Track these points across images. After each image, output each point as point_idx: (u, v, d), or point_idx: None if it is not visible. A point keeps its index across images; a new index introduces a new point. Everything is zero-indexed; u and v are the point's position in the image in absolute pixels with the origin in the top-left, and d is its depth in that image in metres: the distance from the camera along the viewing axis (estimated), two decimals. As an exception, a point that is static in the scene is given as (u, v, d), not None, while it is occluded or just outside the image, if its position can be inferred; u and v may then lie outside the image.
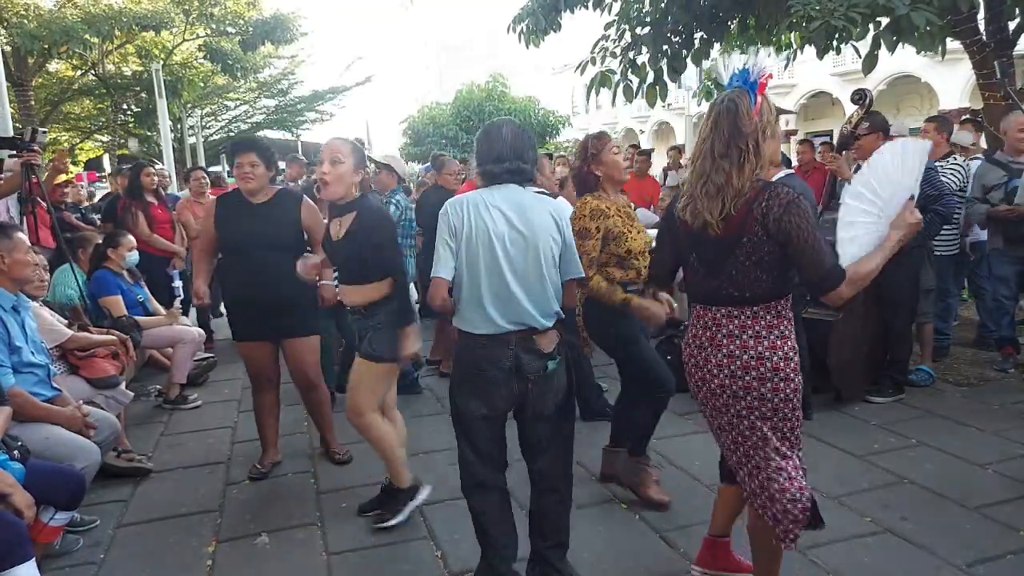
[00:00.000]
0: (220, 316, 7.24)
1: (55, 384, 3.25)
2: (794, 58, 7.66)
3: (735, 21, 6.99)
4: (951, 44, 6.03)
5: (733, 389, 2.14)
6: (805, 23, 5.10)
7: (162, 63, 15.34)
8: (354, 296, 3.09)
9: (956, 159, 5.23)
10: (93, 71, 16.86)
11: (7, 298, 3.08)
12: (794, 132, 13.35)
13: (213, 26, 16.87)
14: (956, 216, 4.92)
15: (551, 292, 2.42)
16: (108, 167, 18.46)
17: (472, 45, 42.79)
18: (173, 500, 3.59)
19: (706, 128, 2.13)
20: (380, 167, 5.29)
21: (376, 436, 3.12)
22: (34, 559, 2.34)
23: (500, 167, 2.41)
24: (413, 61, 53.00)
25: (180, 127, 19.06)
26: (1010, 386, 4.63)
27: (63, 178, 6.76)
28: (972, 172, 5.04)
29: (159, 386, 5.27)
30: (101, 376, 3.79)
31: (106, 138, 19.96)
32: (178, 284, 6.23)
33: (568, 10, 7.21)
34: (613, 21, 7.31)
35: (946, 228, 4.74)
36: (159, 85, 13.58)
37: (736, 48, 7.31)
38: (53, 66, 16.76)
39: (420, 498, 3.23)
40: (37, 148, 4.78)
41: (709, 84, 8.87)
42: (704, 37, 7.00)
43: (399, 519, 3.15)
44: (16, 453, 2.60)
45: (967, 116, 6.93)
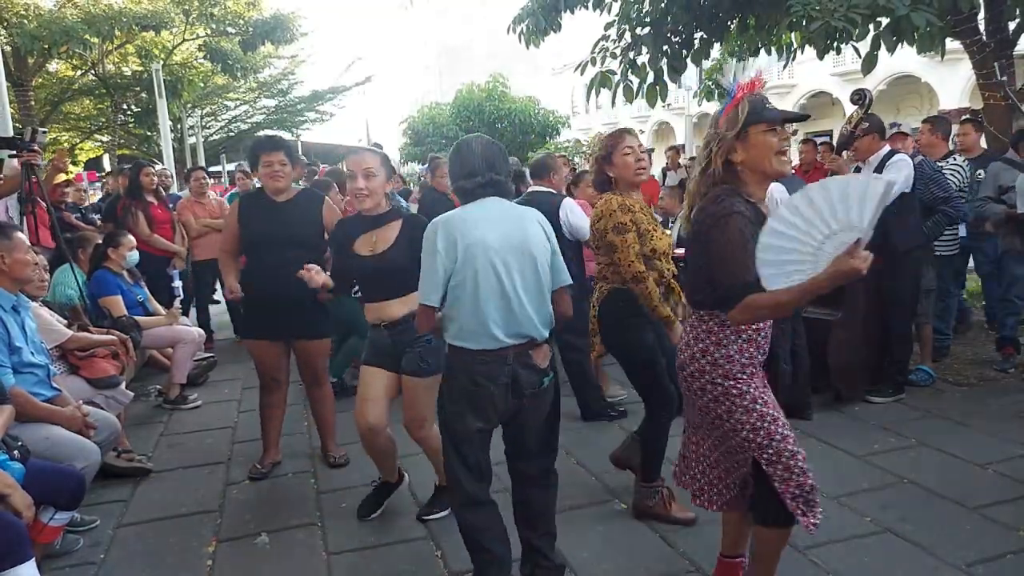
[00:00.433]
0: (218, 303, 7.25)
1: (55, 384, 3.25)
2: (794, 58, 7.66)
3: (735, 21, 6.99)
4: (951, 44, 6.03)
5: (693, 388, 2.20)
6: (805, 23, 5.11)
7: (162, 63, 15.30)
8: (397, 310, 2.97)
9: (956, 159, 5.22)
10: (93, 71, 16.83)
11: (7, 298, 3.08)
12: (794, 132, 13.34)
13: (213, 26, 16.83)
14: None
15: (548, 300, 2.42)
16: (108, 167, 18.44)
17: (472, 45, 42.74)
18: (173, 500, 3.59)
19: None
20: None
21: (436, 447, 2.95)
22: (34, 559, 2.34)
23: (472, 182, 2.36)
24: (413, 61, 52.88)
25: (180, 127, 19.03)
26: (1010, 386, 4.63)
27: (63, 178, 6.75)
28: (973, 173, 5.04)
29: (159, 386, 5.26)
30: (101, 376, 3.78)
31: (106, 138, 19.94)
32: (178, 284, 6.23)
33: (568, 10, 7.21)
34: (613, 21, 7.31)
35: (946, 229, 4.73)
36: (159, 85, 13.56)
37: (736, 48, 7.31)
38: (53, 66, 16.73)
39: None
40: (37, 148, 4.77)
41: (709, 84, 8.88)
42: (704, 37, 7.01)
43: (446, 512, 3.18)
44: (16, 453, 2.60)
45: (967, 116, 6.93)
